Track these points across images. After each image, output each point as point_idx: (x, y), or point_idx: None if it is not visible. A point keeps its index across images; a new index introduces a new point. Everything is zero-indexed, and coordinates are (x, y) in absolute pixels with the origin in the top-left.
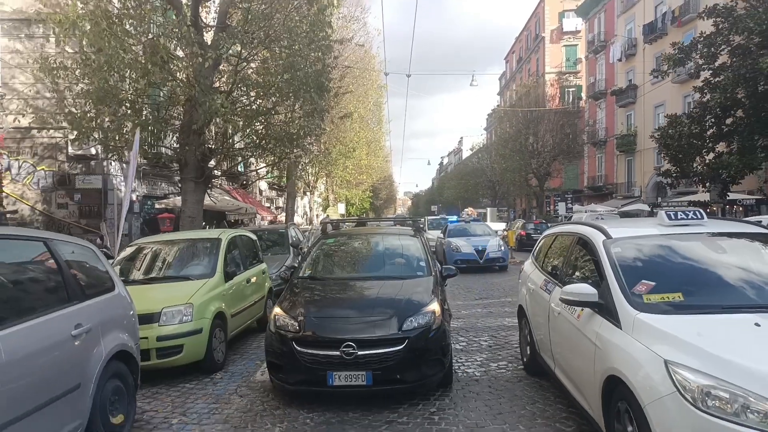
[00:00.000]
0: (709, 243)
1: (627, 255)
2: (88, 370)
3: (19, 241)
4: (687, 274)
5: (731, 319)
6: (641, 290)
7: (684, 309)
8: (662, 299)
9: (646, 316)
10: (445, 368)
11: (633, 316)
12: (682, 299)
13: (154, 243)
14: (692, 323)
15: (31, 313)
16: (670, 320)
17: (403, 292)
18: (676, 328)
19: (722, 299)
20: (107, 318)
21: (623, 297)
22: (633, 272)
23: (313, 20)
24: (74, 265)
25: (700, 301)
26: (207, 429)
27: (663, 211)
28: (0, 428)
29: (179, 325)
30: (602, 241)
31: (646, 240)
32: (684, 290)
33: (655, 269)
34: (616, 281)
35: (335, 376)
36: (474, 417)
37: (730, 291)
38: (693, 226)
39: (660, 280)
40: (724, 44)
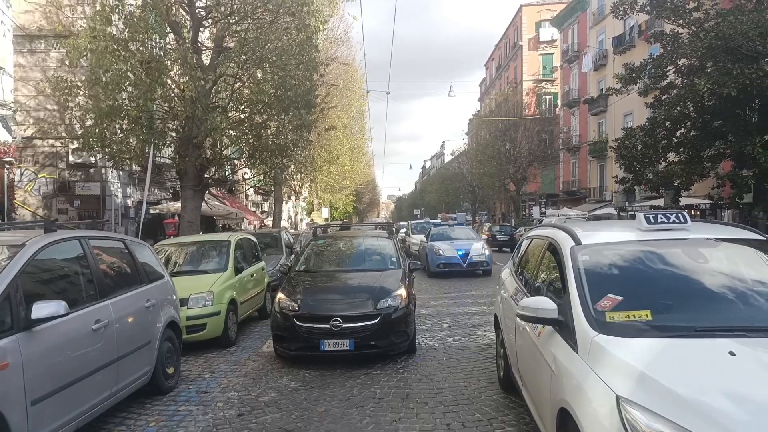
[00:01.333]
0: (689, 251)
1: (595, 264)
2: (154, 331)
3: (110, 240)
4: (660, 287)
5: (703, 346)
6: (605, 306)
7: (650, 331)
8: (627, 318)
9: (605, 338)
10: (409, 338)
11: (590, 338)
12: (649, 318)
13: (174, 245)
14: (656, 350)
15: (125, 288)
16: (630, 345)
17: (378, 281)
18: (635, 356)
19: (697, 319)
20: (162, 297)
21: (583, 314)
22: (600, 284)
23: (302, 43)
24: (141, 258)
25: (670, 320)
26: (233, 379)
27: (641, 213)
28: (119, 359)
29: (203, 308)
30: (570, 247)
31: (619, 247)
32: (654, 307)
33: (624, 281)
34: (578, 295)
35: (326, 343)
36: (428, 370)
37: (707, 309)
38: (675, 231)
39: (629, 294)
40: (670, 65)
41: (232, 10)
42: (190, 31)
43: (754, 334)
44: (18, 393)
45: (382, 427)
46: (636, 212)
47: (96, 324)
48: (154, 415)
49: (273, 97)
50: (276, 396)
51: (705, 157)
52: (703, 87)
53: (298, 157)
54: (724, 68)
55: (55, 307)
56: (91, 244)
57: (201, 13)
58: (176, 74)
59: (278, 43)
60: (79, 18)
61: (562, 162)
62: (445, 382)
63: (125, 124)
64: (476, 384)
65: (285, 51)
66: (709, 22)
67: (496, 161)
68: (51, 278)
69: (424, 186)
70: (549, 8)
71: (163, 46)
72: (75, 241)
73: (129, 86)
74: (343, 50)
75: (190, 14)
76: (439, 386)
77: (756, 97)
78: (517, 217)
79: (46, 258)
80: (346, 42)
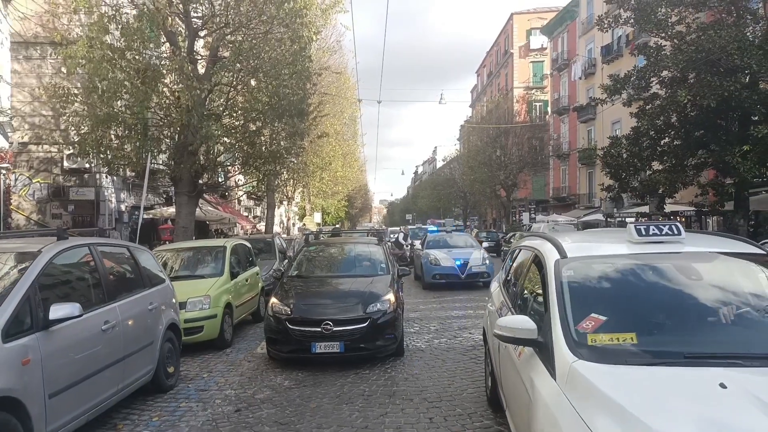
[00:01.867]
0: (683, 266)
1: (581, 280)
2: (156, 332)
3: (116, 247)
4: (648, 307)
5: (691, 376)
6: (587, 328)
7: (634, 356)
8: (610, 341)
9: (584, 365)
10: (397, 341)
11: (569, 364)
12: (634, 342)
13: (171, 250)
14: (639, 380)
15: (130, 292)
16: (612, 373)
17: (367, 286)
18: (616, 387)
19: (687, 343)
20: (163, 301)
21: (563, 336)
22: (584, 303)
23: (296, 53)
24: (144, 263)
25: (657, 345)
26: (229, 378)
27: (632, 224)
28: (124, 357)
29: (200, 311)
30: (555, 260)
31: (607, 261)
32: (640, 329)
33: (610, 299)
34: (559, 314)
35: (317, 345)
36: (415, 370)
37: (699, 332)
38: (668, 244)
39: (614, 313)
40: (653, 77)
41: (227, 22)
42: (185, 41)
43: (749, 362)
44: (38, 386)
45: (370, 420)
46: (626, 220)
47: (105, 325)
48: (157, 410)
49: (267, 105)
50: (271, 393)
51: (688, 165)
52: (684, 98)
53: (291, 164)
54: (704, 80)
55: (70, 309)
56: (99, 250)
57: (197, 24)
58: (172, 82)
59: (272, 53)
60: (75, 26)
61: (552, 168)
62: (430, 380)
63: (120, 131)
64: (459, 382)
65: (279, 61)
66: (690, 36)
67: (487, 167)
68: (64, 282)
69: (416, 191)
70: (539, 17)
71: (159, 55)
72: (85, 247)
73: (125, 94)
74: (336, 58)
75: (185, 25)
76: (424, 384)
77: (735, 108)
78: (508, 223)
79: (59, 263)
80: (338, 50)
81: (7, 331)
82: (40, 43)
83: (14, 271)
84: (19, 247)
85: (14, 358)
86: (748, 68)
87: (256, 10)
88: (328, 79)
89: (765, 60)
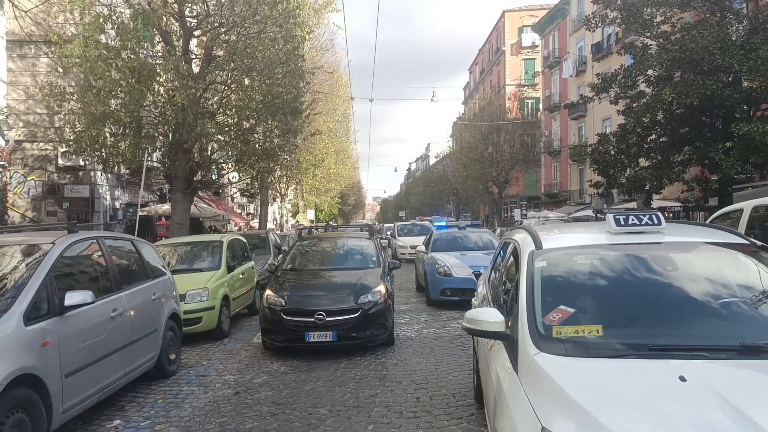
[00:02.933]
0: (659, 256)
1: (553, 271)
2: (159, 321)
3: (121, 241)
4: (619, 298)
5: (651, 369)
6: (553, 320)
7: (597, 349)
8: (576, 333)
9: (545, 357)
10: (387, 330)
11: (531, 357)
12: (600, 334)
13: (171, 245)
14: (597, 373)
15: (134, 282)
16: (572, 366)
17: (359, 278)
18: (573, 380)
19: (654, 335)
20: (165, 292)
21: (528, 328)
22: (555, 294)
23: (289, 53)
24: (147, 256)
25: (623, 337)
26: (228, 365)
27: (611, 214)
28: (131, 343)
29: (198, 303)
30: (530, 251)
31: (582, 251)
32: (608, 321)
33: (581, 291)
34: (526, 305)
35: (311, 335)
36: (404, 356)
37: (668, 323)
38: (648, 234)
39: (583, 305)
40: (640, 75)
41: (221, 21)
42: (180, 40)
43: (714, 354)
44: (55, 366)
45: (361, 400)
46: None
47: (113, 312)
48: (161, 394)
49: (261, 103)
50: (268, 378)
51: (674, 162)
52: (668, 96)
53: (284, 161)
54: (688, 79)
55: (83, 296)
56: (106, 243)
57: (191, 23)
58: (166, 81)
59: (266, 52)
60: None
61: (544, 165)
62: (418, 365)
63: (115, 129)
64: (445, 367)
65: (272, 60)
66: (675, 35)
67: (479, 164)
68: (76, 272)
69: (409, 188)
70: (531, 14)
71: (154, 54)
72: (93, 240)
73: (121, 93)
74: (329, 56)
75: (180, 24)
76: (412, 369)
77: (718, 106)
78: (500, 220)
79: (71, 255)
80: (331, 48)
81: (27, 315)
82: (34, 42)
83: (31, 261)
84: (33, 239)
85: (35, 340)
86: (730, 67)
87: (250, 10)
88: (321, 77)
89: (746, 59)
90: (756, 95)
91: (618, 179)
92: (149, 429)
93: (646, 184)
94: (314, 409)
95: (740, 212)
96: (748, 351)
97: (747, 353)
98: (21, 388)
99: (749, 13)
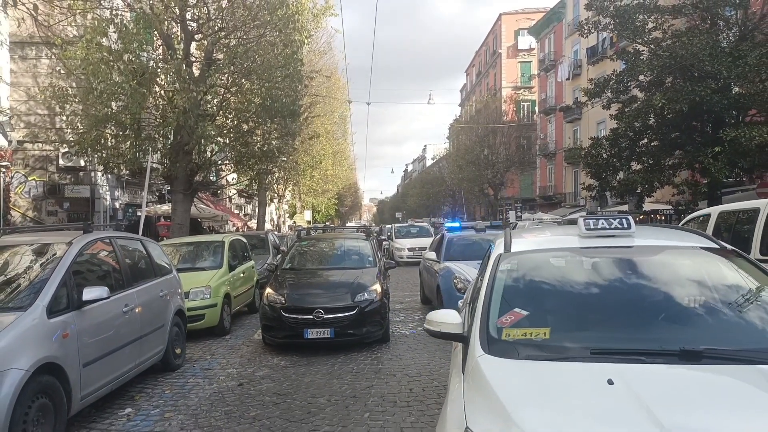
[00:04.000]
0: (622, 260)
1: (515, 273)
2: (166, 317)
3: (131, 240)
4: (572, 302)
5: (583, 372)
6: (505, 322)
7: (538, 352)
8: (523, 336)
9: (486, 359)
10: (383, 328)
11: (475, 359)
12: (546, 337)
13: (174, 245)
14: (532, 374)
15: (144, 280)
16: (508, 368)
17: (356, 277)
18: (504, 382)
19: (599, 340)
20: (171, 289)
21: (479, 330)
22: (514, 297)
23: (288, 57)
24: (154, 255)
25: (567, 340)
26: (231, 360)
27: (581, 218)
28: (141, 337)
29: (201, 300)
30: (498, 254)
31: (548, 254)
32: (557, 325)
33: (539, 294)
34: (482, 307)
35: (310, 331)
36: (399, 351)
37: (616, 328)
38: (617, 238)
39: (537, 308)
40: (632, 80)
41: (222, 26)
42: (181, 43)
43: (651, 358)
44: (74, 357)
45: (358, 391)
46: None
47: (125, 307)
48: (168, 385)
49: (260, 106)
50: (269, 371)
51: (665, 165)
52: (659, 102)
53: (282, 163)
54: (678, 85)
55: (100, 291)
56: (118, 243)
57: (192, 27)
58: (167, 83)
59: (265, 56)
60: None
61: (539, 167)
62: (412, 360)
63: (116, 131)
64: (438, 361)
65: (271, 64)
66: (666, 42)
67: (475, 166)
68: (91, 269)
69: (405, 190)
70: (527, 17)
71: (155, 57)
72: (107, 240)
73: (122, 95)
74: (327, 59)
75: (181, 28)
76: (406, 363)
77: (707, 111)
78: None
79: (87, 253)
80: (329, 51)
81: (50, 308)
82: (35, 43)
83: (51, 259)
84: (52, 239)
85: (57, 332)
86: (719, 74)
87: (250, 15)
88: (319, 80)
89: (734, 66)
90: (744, 101)
91: (610, 182)
92: (159, 416)
93: (638, 188)
94: (314, 399)
95: (708, 216)
96: (688, 356)
97: (687, 358)
98: (45, 376)
99: (738, 21)
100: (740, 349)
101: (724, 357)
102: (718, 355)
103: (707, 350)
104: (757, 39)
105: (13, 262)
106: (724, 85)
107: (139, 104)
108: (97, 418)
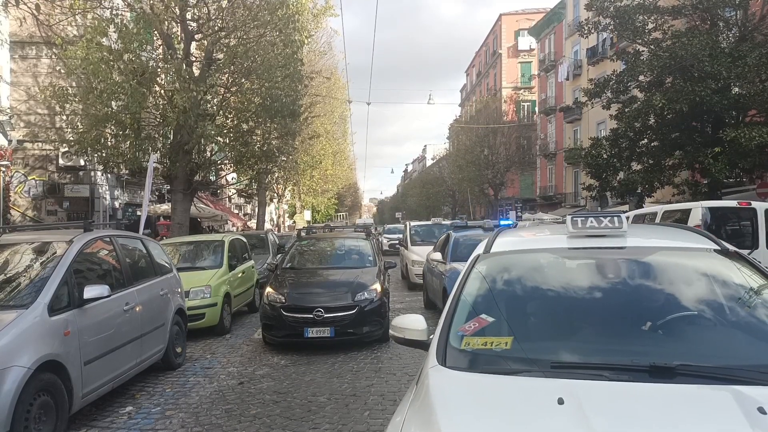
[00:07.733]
0: (607, 263)
1: (488, 277)
2: (167, 315)
3: (131, 239)
4: (542, 309)
5: (536, 388)
6: (467, 330)
7: (495, 364)
8: (483, 345)
9: (437, 372)
10: (383, 327)
11: (427, 369)
12: (507, 348)
13: (175, 244)
14: (479, 389)
15: (144, 279)
16: (456, 383)
17: (356, 277)
18: (447, 397)
19: (564, 351)
20: (172, 288)
21: (438, 338)
22: (482, 302)
23: (288, 57)
24: (154, 254)
25: (528, 352)
26: (231, 359)
27: (569, 216)
28: (142, 336)
29: (201, 299)
30: (476, 255)
31: (527, 256)
32: (521, 334)
33: (508, 299)
34: (446, 313)
35: (310, 330)
36: (399, 350)
37: (585, 339)
38: (608, 238)
39: (503, 315)
40: (632, 81)
41: (222, 26)
42: (181, 43)
43: (613, 374)
44: (76, 354)
45: (358, 390)
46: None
47: (126, 306)
48: (169, 384)
49: (260, 106)
50: (269, 370)
51: (665, 166)
52: (659, 102)
53: (282, 163)
54: (678, 85)
55: (101, 290)
56: (118, 241)
57: (192, 27)
58: (167, 83)
59: (265, 56)
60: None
61: (539, 168)
62: (412, 359)
63: (116, 130)
64: None
65: (271, 64)
66: (666, 42)
67: (475, 166)
68: (92, 268)
69: (405, 190)
70: (528, 18)
71: (155, 57)
72: (107, 238)
73: (122, 95)
74: (327, 59)
75: (182, 28)
76: (406, 362)
77: (707, 112)
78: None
79: (88, 252)
80: (329, 52)
81: (51, 306)
82: (36, 43)
83: (52, 257)
84: (53, 237)
85: (58, 330)
86: (719, 74)
87: (251, 15)
88: (319, 80)
89: (734, 67)
90: (744, 101)
91: (611, 182)
92: (160, 414)
93: (638, 188)
94: (314, 397)
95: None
96: (658, 372)
97: (657, 375)
98: (47, 373)
99: (738, 21)
100: (720, 366)
101: (699, 375)
102: (692, 372)
103: (681, 366)
104: (756, 39)
105: (14, 260)
106: (724, 86)
107: (139, 104)
108: (98, 416)
